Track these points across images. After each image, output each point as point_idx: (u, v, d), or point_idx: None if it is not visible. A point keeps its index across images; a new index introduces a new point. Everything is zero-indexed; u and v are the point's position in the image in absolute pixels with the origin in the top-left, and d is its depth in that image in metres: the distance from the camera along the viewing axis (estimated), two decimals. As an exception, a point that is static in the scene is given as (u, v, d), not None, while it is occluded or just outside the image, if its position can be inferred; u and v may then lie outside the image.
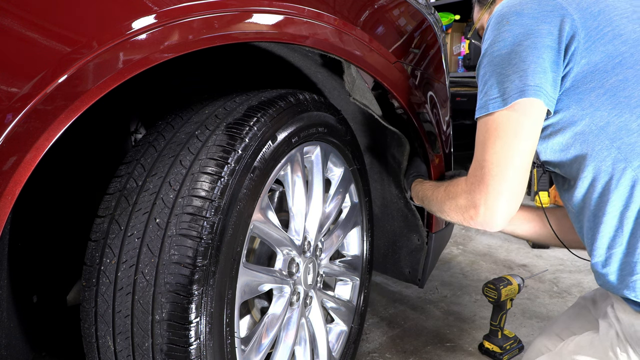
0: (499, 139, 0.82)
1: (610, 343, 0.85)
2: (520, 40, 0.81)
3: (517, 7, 0.83)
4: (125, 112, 1.29)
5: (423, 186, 1.21)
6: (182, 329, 0.70)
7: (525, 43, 0.80)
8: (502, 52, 0.82)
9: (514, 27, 0.82)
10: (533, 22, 0.81)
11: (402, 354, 1.57)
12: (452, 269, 2.29)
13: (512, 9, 0.84)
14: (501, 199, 0.81)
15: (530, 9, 0.82)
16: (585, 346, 0.90)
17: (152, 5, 0.64)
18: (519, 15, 0.82)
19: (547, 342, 1.08)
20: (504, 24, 0.83)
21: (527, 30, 0.81)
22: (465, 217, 0.88)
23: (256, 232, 0.90)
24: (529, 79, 0.79)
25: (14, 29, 0.53)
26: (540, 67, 0.79)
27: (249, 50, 1.14)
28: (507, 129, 0.82)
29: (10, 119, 0.53)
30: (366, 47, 1.05)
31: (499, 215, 0.82)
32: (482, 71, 0.87)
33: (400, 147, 1.32)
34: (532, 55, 0.80)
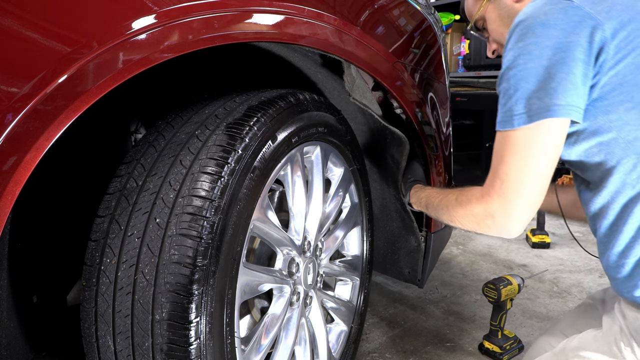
0: (521, 155, 0.80)
1: (614, 338, 0.86)
2: (549, 55, 0.77)
3: (543, 17, 0.79)
4: (125, 112, 1.29)
5: (426, 192, 1.19)
6: (182, 329, 0.70)
7: (554, 58, 0.77)
8: (529, 66, 0.79)
9: (540, 39, 0.78)
10: (561, 34, 0.77)
11: (402, 354, 1.57)
12: (452, 269, 2.29)
13: (538, 20, 0.79)
14: (519, 210, 0.82)
15: (557, 19, 0.78)
16: (589, 341, 0.91)
17: (152, 5, 0.64)
18: (545, 27, 0.78)
19: (551, 340, 1.08)
20: (530, 36, 0.79)
21: (555, 43, 0.77)
22: (481, 225, 0.89)
23: (256, 232, 0.90)
24: (559, 97, 0.77)
25: (14, 29, 0.53)
26: (571, 83, 0.76)
27: (249, 50, 1.14)
28: (531, 147, 0.80)
29: (10, 119, 0.53)
30: (366, 47, 1.05)
31: (517, 224, 0.84)
32: (506, 84, 0.83)
33: (400, 148, 1.32)
34: (562, 71, 0.76)
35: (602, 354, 0.87)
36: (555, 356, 0.96)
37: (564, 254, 2.49)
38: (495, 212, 0.85)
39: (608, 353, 0.86)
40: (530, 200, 0.82)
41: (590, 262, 2.37)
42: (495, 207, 0.84)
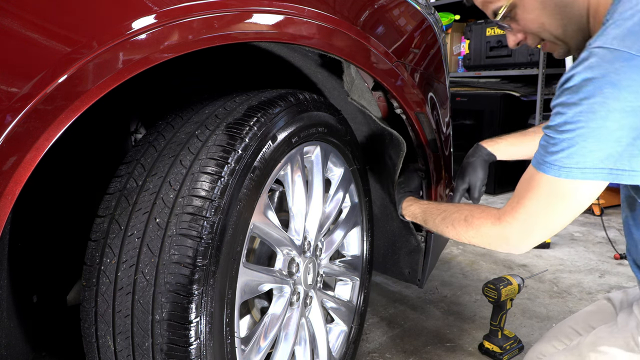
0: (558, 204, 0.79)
1: (632, 333, 0.87)
2: (617, 118, 0.70)
3: (613, 76, 0.70)
4: (125, 112, 1.29)
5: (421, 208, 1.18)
6: (182, 329, 0.70)
7: (621, 122, 0.70)
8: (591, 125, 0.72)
9: (608, 101, 0.70)
10: (633, 97, 0.69)
11: (402, 354, 1.57)
12: (452, 269, 2.29)
13: (607, 78, 0.70)
14: (536, 239, 0.84)
15: (629, 79, 0.69)
16: (605, 337, 0.91)
17: (152, 5, 0.64)
18: (614, 88, 0.70)
19: (560, 336, 1.08)
20: (597, 95, 0.71)
21: (625, 106, 0.70)
22: (492, 244, 0.90)
23: (256, 232, 0.90)
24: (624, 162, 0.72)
25: (14, 29, 0.53)
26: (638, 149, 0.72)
27: (249, 50, 1.14)
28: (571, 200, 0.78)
29: (10, 119, 0.53)
30: (366, 47, 1.05)
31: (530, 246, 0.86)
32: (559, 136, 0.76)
33: (397, 148, 1.32)
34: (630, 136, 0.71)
35: (619, 348, 0.87)
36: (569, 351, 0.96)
37: (564, 254, 2.49)
38: (511, 237, 0.85)
39: (625, 347, 0.87)
40: (549, 234, 0.83)
41: (590, 262, 2.37)
42: (514, 233, 0.85)
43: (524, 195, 0.82)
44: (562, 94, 0.76)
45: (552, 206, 0.79)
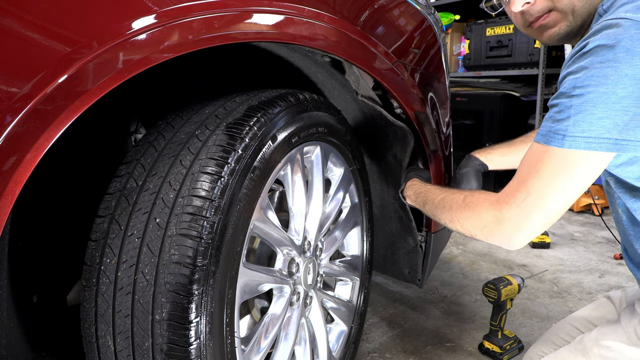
0: (559, 176, 0.76)
1: (634, 328, 0.87)
2: (627, 84, 0.70)
3: (628, 42, 0.70)
4: (125, 112, 1.29)
5: (426, 187, 1.15)
6: (182, 329, 0.70)
7: (630, 88, 0.70)
8: (601, 90, 0.71)
9: (621, 65, 0.70)
10: None
11: (402, 354, 1.57)
12: (452, 269, 2.29)
13: (622, 44, 0.70)
14: (532, 225, 0.80)
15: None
16: (608, 332, 0.92)
17: (152, 5, 0.64)
18: (628, 53, 0.70)
19: (560, 332, 1.09)
20: (610, 59, 0.71)
21: (636, 72, 0.69)
22: (484, 230, 0.86)
23: (256, 232, 0.90)
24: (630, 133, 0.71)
25: (14, 29, 0.53)
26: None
27: (249, 50, 1.14)
28: (573, 171, 0.75)
29: (10, 119, 0.53)
30: (366, 47, 1.05)
31: (524, 237, 0.81)
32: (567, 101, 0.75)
33: (404, 146, 1.32)
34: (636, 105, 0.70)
35: (622, 342, 0.88)
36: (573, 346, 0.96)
37: (564, 254, 2.49)
38: (505, 219, 0.81)
39: (628, 342, 0.87)
40: (547, 220, 0.79)
41: (590, 262, 2.37)
42: (509, 214, 0.81)
43: (526, 173, 0.80)
44: (574, 61, 0.75)
45: (553, 181, 0.76)
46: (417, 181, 1.23)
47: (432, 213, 1.07)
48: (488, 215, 0.84)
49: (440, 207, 1.02)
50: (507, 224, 0.81)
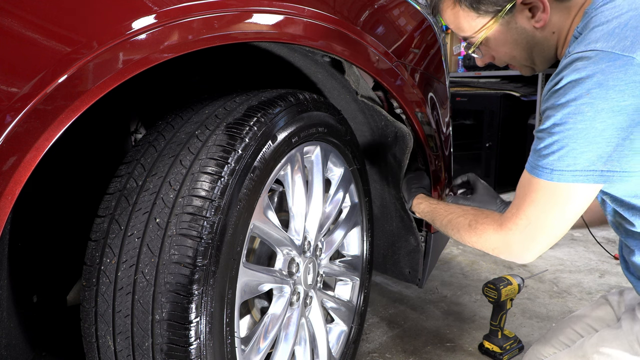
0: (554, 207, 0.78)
1: (636, 336, 0.87)
2: (604, 118, 0.70)
3: (600, 77, 0.70)
4: (125, 112, 1.29)
5: (431, 207, 1.17)
6: (182, 329, 0.70)
7: (609, 121, 0.70)
8: (579, 126, 0.72)
9: (596, 101, 0.70)
10: (620, 96, 0.69)
11: (402, 354, 1.57)
12: (452, 269, 2.29)
13: (594, 78, 0.70)
14: (539, 247, 0.83)
15: (616, 79, 0.69)
16: (609, 339, 0.91)
17: (152, 5, 0.64)
18: (602, 88, 0.70)
19: (559, 334, 1.09)
20: (584, 96, 0.71)
21: (613, 106, 0.70)
22: (495, 251, 0.89)
23: (256, 232, 0.90)
24: (614, 164, 0.72)
25: (14, 29, 0.53)
26: (629, 149, 0.71)
27: (249, 50, 1.14)
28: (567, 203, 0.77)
29: (10, 119, 0.53)
30: (366, 47, 1.05)
31: (534, 256, 0.84)
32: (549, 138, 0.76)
33: (402, 146, 1.32)
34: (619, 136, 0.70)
35: (623, 351, 0.88)
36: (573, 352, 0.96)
37: (564, 254, 2.49)
38: (514, 244, 0.84)
39: (629, 350, 0.87)
40: (552, 240, 0.82)
41: (590, 262, 2.37)
42: (516, 240, 0.84)
43: (523, 201, 0.82)
44: (550, 97, 0.77)
45: (550, 211, 0.79)
46: (423, 198, 1.24)
47: (441, 231, 1.10)
48: (495, 239, 0.88)
49: (448, 228, 1.04)
50: (515, 247, 0.84)
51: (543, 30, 0.88)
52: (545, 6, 0.84)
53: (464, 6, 0.91)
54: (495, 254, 0.89)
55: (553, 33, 0.88)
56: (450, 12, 0.95)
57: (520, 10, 0.87)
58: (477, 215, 0.96)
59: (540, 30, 0.88)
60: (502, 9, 0.87)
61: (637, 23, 0.71)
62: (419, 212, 1.23)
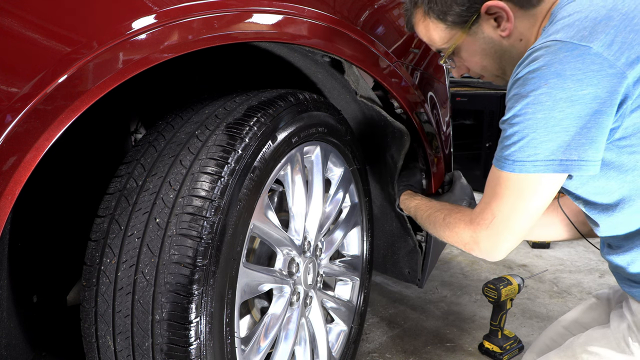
0: (517, 198, 0.79)
1: (622, 334, 0.87)
2: (563, 107, 0.71)
3: (558, 66, 0.71)
4: (125, 112, 1.29)
5: (415, 202, 1.20)
6: (182, 329, 0.70)
7: (568, 111, 0.71)
8: (538, 116, 0.73)
9: (554, 91, 0.71)
10: (577, 85, 0.70)
11: (402, 354, 1.57)
12: (452, 269, 2.29)
13: (552, 69, 0.71)
14: (506, 243, 0.84)
15: (573, 68, 0.70)
16: (597, 337, 0.91)
17: (152, 5, 0.64)
18: (559, 77, 0.71)
19: (554, 336, 1.09)
20: (542, 86, 0.72)
21: (571, 95, 0.70)
22: (467, 247, 0.91)
23: (256, 232, 0.90)
24: (572, 152, 0.72)
25: (14, 29, 0.53)
26: (586, 137, 0.72)
27: (249, 50, 1.14)
28: (529, 194, 0.78)
29: (10, 119, 0.53)
30: (366, 47, 1.05)
31: (501, 252, 0.86)
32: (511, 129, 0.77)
33: (399, 147, 1.32)
34: (576, 125, 0.71)
35: (611, 349, 0.88)
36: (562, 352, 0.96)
37: (564, 254, 2.49)
38: (481, 240, 0.86)
39: (616, 348, 0.87)
40: (518, 235, 0.83)
41: (590, 262, 2.37)
42: (483, 236, 0.86)
43: (489, 196, 0.84)
44: (511, 87, 0.78)
45: (513, 204, 0.80)
46: (408, 195, 1.27)
47: (423, 227, 1.13)
48: (465, 235, 0.90)
49: (427, 224, 1.09)
50: (483, 243, 0.86)
51: (509, 38, 0.89)
52: (509, 16, 0.85)
53: (432, 18, 0.92)
54: (467, 250, 0.91)
55: (520, 40, 0.89)
56: (422, 26, 0.96)
57: (486, 20, 0.88)
58: (452, 210, 0.98)
59: (507, 39, 0.89)
60: (468, 19, 0.89)
61: (597, 15, 0.73)
62: (405, 208, 1.26)
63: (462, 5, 0.88)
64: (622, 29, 0.71)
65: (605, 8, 0.73)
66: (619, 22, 0.71)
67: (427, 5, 0.92)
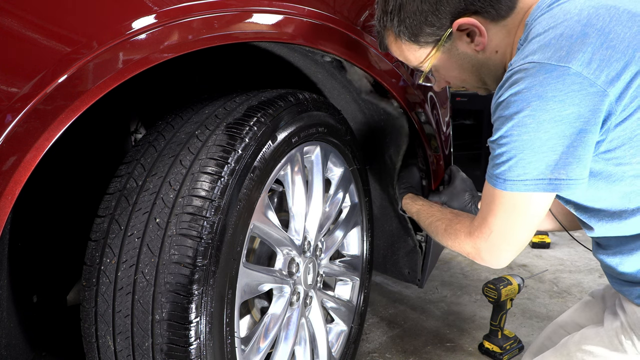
0: (511, 215, 0.80)
1: (616, 332, 0.88)
2: (547, 128, 0.71)
3: (539, 88, 0.71)
4: (125, 112, 1.29)
5: (417, 207, 1.21)
6: (182, 329, 0.70)
7: (552, 131, 0.71)
8: (524, 138, 0.73)
9: (537, 113, 0.71)
10: (560, 106, 0.70)
11: (402, 354, 1.57)
12: (452, 269, 2.29)
13: (533, 90, 0.71)
14: (506, 254, 0.86)
15: (554, 90, 0.70)
16: (591, 336, 0.92)
17: (152, 5, 0.64)
18: (541, 100, 0.71)
19: (552, 335, 1.09)
20: (525, 109, 0.72)
21: (555, 116, 0.70)
22: (469, 257, 0.93)
23: (256, 232, 0.90)
24: (560, 171, 0.73)
25: (14, 29, 0.53)
26: (573, 156, 0.72)
27: (249, 50, 1.14)
28: (522, 211, 0.79)
29: (10, 119, 0.53)
30: (366, 47, 1.05)
31: (503, 262, 0.88)
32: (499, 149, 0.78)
33: (398, 147, 1.32)
34: (563, 144, 0.71)
35: (604, 347, 0.88)
36: (558, 351, 0.96)
37: (564, 254, 2.49)
38: (482, 252, 0.88)
39: (609, 346, 0.88)
40: (517, 247, 0.85)
41: (590, 262, 2.37)
42: (483, 248, 0.87)
43: (485, 210, 0.85)
44: (495, 110, 0.78)
45: (509, 219, 0.81)
46: (411, 198, 1.28)
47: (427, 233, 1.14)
48: (467, 246, 0.92)
49: (430, 230, 1.10)
50: (484, 253, 0.88)
51: (485, 52, 0.88)
52: (481, 30, 0.84)
53: (404, 40, 0.91)
54: (470, 258, 0.93)
55: (496, 52, 0.88)
56: (394, 47, 0.95)
57: (459, 37, 0.87)
58: (452, 220, 1.00)
59: (482, 52, 0.88)
60: (440, 38, 0.88)
61: (572, 32, 0.71)
62: (408, 212, 1.27)
63: (431, 25, 0.86)
64: (599, 45, 0.70)
65: (580, 24, 0.72)
66: (595, 39, 0.70)
67: (397, 28, 0.90)
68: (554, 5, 0.78)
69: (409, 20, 0.87)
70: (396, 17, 0.88)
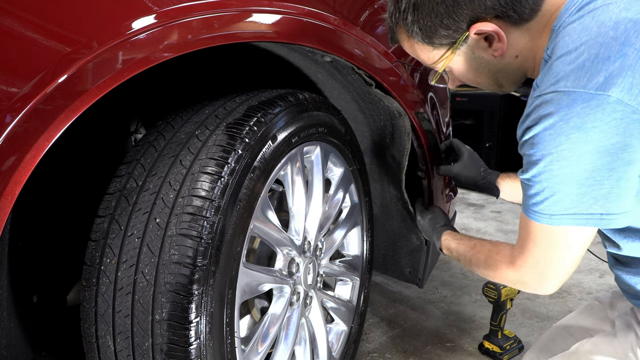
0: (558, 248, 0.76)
1: (631, 345, 0.86)
2: (590, 160, 0.67)
3: (577, 120, 0.65)
4: (125, 112, 1.29)
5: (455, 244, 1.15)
6: (182, 329, 0.70)
7: (597, 163, 0.67)
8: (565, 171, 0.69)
9: (577, 145, 0.66)
10: (602, 136, 0.65)
11: (402, 354, 1.57)
12: (452, 269, 2.29)
13: (570, 123, 0.66)
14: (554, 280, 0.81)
15: (594, 120, 0.65)
16: (603, 347, 0.90)
17: (152, 5, 0.64)
18: (581, 131, 0.65)
19: (554, 337, 1.08)
20: (563, 141, 0.67)
21: (597, 147, 0.66)
22: (515, 286, 0.88)
23: (256, 232, 0.90)
24: (609, 206, 0.69)
25: (14, 29, 0.53)
26: (622, 188, 0.68)
27: (249, 50, 1.14)
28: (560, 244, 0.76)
29: (10, 119, 0.53)
30: (366, 47, 1.05)
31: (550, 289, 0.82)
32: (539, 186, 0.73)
33: (400, 147, 1.32)
34: (610, 177, 0.67)
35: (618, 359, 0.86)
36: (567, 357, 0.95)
37: (564, 254, 2.49)
38: (528, 281, 0.83)
39: (623, 359, 0.86)
40: (565, 274, 0.80)
41: (590, 262, 2.37)
42: (528, 277, 0.82)
43: (526, 241, 0.80)
44: (525, 144, 0.74)
45: (554, 251, 0.77)
46: (450, 234, 1.21)
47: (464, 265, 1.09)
48: (510, 276, 0.86)
49: (471, 266, 1.03)
50: (531, 283, 0.83)
51: (504, 57, 0.84)
52: (500, 36, 0.79)
53: (417, 40, 0.86)
54: (516, 287, 0.88)
55: (516, 57, 0.84)
56: (407, 44, 0.90)
57: (476, 41, 0.82)
58: (491, 251, 0.94)
59: (501, 58, 0.84)
60: (455, 41, 0.83)
61: (609, 53, 0.65)
62: (446, 250, 1.21)
63: (447, 28, 0.81)
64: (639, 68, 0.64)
65: (617, 41, 0.65)
66: (635, 61, 0.64)
67: (410, 27, 0.84)
68: (585, 10, 0.71)
69: (423, 21, 0.82)
70: (410, 16, 0.83)
